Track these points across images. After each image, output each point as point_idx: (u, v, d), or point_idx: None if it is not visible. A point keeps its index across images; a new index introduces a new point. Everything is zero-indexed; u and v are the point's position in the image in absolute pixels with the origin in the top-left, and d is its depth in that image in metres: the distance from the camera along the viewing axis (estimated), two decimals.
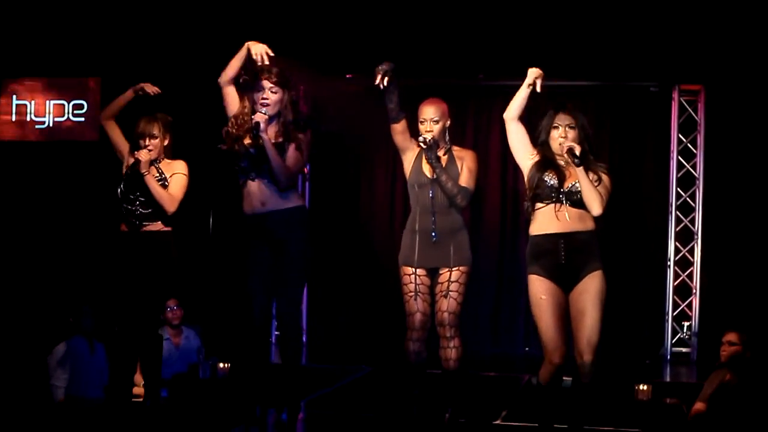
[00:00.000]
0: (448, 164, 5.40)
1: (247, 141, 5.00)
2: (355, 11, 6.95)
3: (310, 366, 7.65)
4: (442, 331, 5.40)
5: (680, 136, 8.38)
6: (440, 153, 5.40)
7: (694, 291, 8.33)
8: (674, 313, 8.34)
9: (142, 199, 5.52)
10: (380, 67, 5.16)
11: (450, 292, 5.35)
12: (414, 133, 5.42)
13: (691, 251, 8.36)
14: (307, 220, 5.20)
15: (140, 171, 5.45)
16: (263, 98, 4.99)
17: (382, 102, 5.30)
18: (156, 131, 5.55)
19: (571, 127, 4.75)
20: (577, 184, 4.72)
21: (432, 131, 5.34)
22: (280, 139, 5.01)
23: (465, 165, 5.42)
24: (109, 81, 8.62)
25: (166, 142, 5.61)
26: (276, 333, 8.88)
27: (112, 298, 5.68)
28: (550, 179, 4.76)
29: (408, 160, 5.50)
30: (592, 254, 4.78)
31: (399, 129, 5.43)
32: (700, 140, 8.33)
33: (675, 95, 8.37)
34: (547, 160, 4.81)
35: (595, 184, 4.75)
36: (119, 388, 5.64)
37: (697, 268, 8.33)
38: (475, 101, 8.78)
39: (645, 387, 6.10)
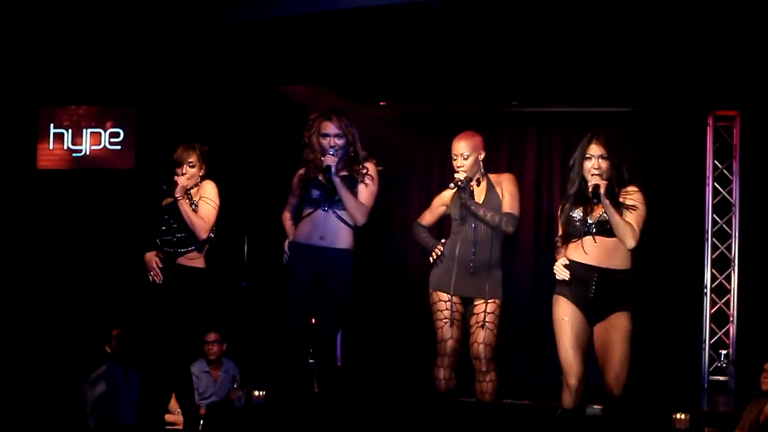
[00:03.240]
0: (487, 194, 5.39)
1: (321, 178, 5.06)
2: (389, 40, 6.97)
3: (345, 393, 7.61)
4: (479, 365, 5.37)
5: (716, 162, 8.32)
6: (474, 185, 5.41)
7: (731, 318, 8.24)
8: (711, 341, 8.25)
9: (175, 225, 5.48)
10: None
11: (487, 323, 5.33)
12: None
13: (728, 278, 8.28)
14: (353, 264, 5.21)
15: (175, 195, 5.41)
16: (330, 145, 5.04)
17: (415, 129, 5.32)
18: (193, 159, 5.53)
19: (603, 158, 4.77)
20: (605, 215, 4.72)
21: (463, 167, 5.36)
22: (344, 173, 5.06)
23: (505, 190, 5.42)
24: (145, 109, 8.72)
25: (202, 172, 5.58)
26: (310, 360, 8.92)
27: (145, 328, 5.67)
28: (578, 214, 4.80)
29: (450, 196, 5.55)
30: (623, 294, 4.79)
31: (441, 212, 5.67)
32: (736, 166, 8.28)
33: (710, 121, 8.32)
34: (579, 195, 4.84)
35: (629, 211, 4.72)
36: (151, 416, 5.63)
37: (734, 296, 8.24)
38: (509, 128, 8.79)
39: (683, 416, 6.06)
